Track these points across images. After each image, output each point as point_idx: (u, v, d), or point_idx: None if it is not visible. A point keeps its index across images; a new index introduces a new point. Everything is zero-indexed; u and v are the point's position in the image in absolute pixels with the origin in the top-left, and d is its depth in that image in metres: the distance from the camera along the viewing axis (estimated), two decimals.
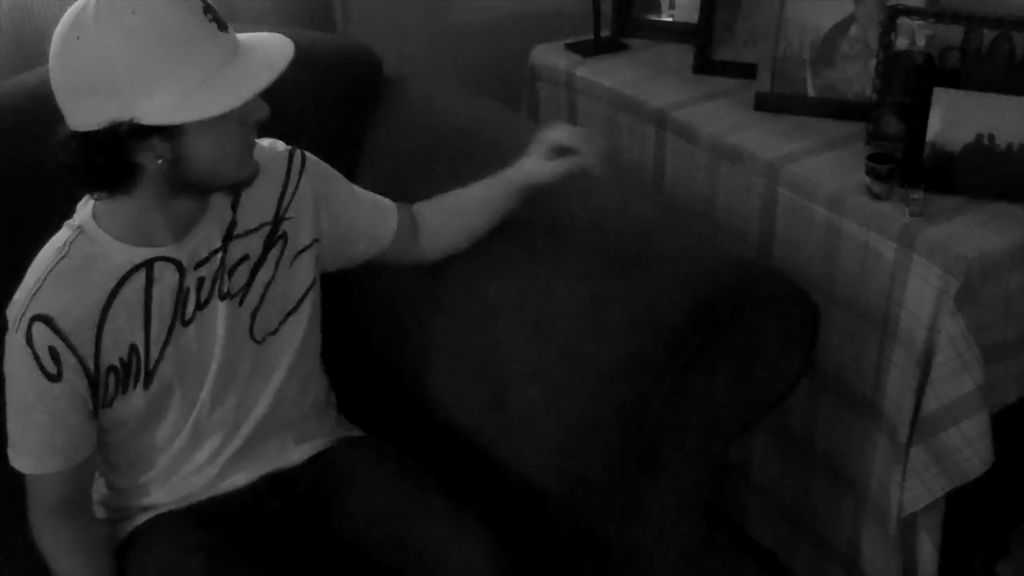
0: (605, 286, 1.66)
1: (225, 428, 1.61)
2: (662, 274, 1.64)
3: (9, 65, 2.09)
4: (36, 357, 1.45)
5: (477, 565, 1.52)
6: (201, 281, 1.53)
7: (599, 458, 1.61)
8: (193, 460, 1.62)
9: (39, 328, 1.44)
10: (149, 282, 1.49)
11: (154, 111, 1.33)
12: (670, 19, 2.55)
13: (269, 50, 1.42)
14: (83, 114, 1.36)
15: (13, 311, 1.47)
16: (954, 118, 1.85)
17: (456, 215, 1.76)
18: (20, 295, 1.47)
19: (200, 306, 1.54)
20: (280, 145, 1.65)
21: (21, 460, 1.51)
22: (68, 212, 1.80)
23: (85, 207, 1.50)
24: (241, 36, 1.43)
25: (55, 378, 1.46)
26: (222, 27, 1.38)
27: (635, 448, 1.57)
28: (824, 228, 1.91)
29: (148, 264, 1.49)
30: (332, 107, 2.07)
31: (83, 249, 1.47)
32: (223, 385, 1.59)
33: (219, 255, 1.54)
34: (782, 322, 1.64)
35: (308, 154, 1.68)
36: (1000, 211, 1.82)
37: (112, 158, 1.37)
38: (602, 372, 1.60)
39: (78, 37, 1.33)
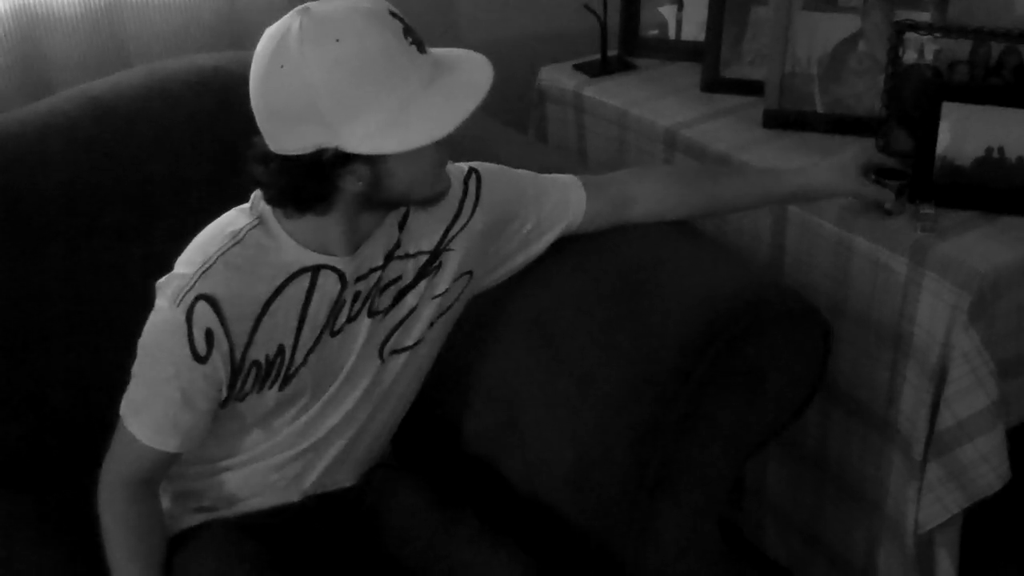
0: (616, 307, 1.65)
1: (325, 433, 1.62)
2: (673, 294, 1.63)
3: (16, 95, 2.10)
4: (190, 335, 1.43)
5: None
6: (357, 295, 1.53)
7: (612, 480, 1.60)
8: (283, 456, 1.62)
9: (202, 307, 1.43)
10: (312, 287, 1.49)
11: (358, 139, 1.33)
12: (677, 38, 2.55)
13: (469, 71, 1.41)
14: (287, 139, 1.36)
15: (173, 285, 1.45)
16: (963, 132, 1.84)
17: (680, 188, 1.76)
18: (185, 269, 1.45)
19: (350, 319, 1.54)
20: (456, 171, 1.63)
21: (142, 429, 1.49)
22: (75, 242, 1.81)
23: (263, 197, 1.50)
24: (438, 52, 1.42)
25: (202, 359, 1.45)
26: (421, 48, 1.37)
27: (648, 470, 1.56)
28: (834, 245, 1.90)
29: (315, 269, 1.49)
30: None
31: (258, 239, 1.47)
32: (340, 394, 1.59)
33: (378, 273, 1.54)
34: (794, 340, 1.63)
35: (485, 175, 1.65)
36: (1011, 225, 1.81)
37: (315, 183, 1.38)
38: (613, 395, 1.59)
39: (282, 65, 1.32)
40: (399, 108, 1.33)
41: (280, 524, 1.64)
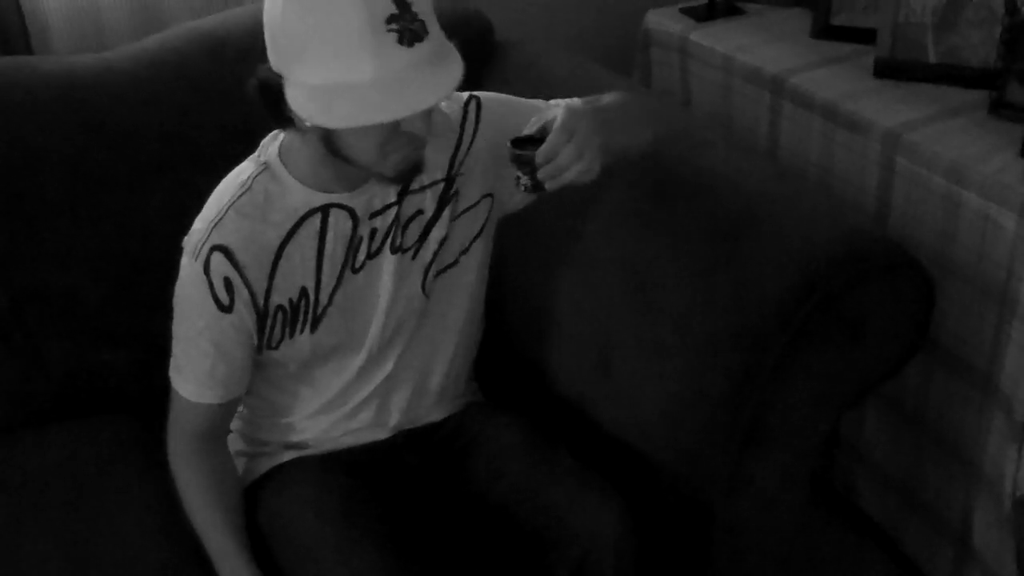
0: (713, 253, 1.64)
1: (384, 377, 1.65)
2: (773, 242, 1.62)
3: (128, 31, 2.15)
4: (211, 286, 1.50)
5: (605, 523, 1.55)
6: (374, 232, 1.56)
7: (704, 429, 1.60)
8: (348, 404, 1.66)
9: (217, 258, 1.49)
10: (324, 226, 1.53)
11: (296, 91, 1.35)
12: None
13: (427, 85, 1.35)
14: (269, 52, 1.40)
15: (192, 240, 1.52)
16: None
17: None
18: (200, 224, 1.52)
19: (370, 255, 1.57)
20: (456, 97, 1.63)
21: (185, 385, 1.57)
22: (182, 176, 1.85)
23: (272, 144, 1.55)
24: (440, 48, 1.37)
25: (226, 309, 1.51)
26: (406, 39, 1.32)
27: (741, 420, 1.56)
28: (943, 199, 1.86)
29: (324, 209, 1.53)
30: None
31: (265, 185, 1.52)
32: (389, 337, 1.63)
33: (394, 209, 1.57)
34: (896, 295, 1.61)
35: (485, 100, 1.66)
36: None
37: (269, 101, 1.41)
38: (708, 341, 1.59)
39: None
40: (332, 86, 1.32)
41: (371, 460, 1.67)
